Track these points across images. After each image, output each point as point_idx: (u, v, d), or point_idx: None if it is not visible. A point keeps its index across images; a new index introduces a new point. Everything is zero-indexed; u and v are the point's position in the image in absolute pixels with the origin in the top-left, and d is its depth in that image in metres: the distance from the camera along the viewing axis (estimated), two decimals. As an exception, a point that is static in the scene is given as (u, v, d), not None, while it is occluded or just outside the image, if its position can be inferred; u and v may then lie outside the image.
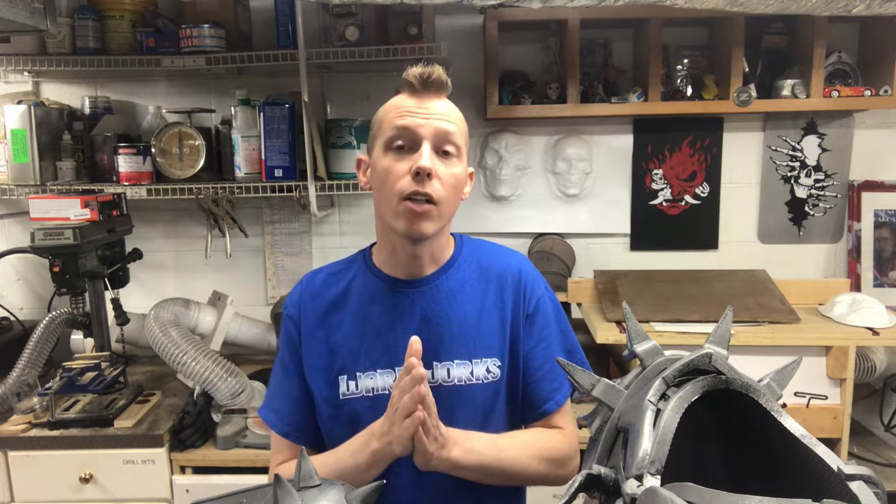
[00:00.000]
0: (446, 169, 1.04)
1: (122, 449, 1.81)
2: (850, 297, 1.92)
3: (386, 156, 1.04)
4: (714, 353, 0.61)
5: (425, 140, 1.02)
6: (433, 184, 1.01)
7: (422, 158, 1.00)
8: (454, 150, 1.05)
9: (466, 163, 1.10)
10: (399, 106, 1.05)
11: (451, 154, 1.05)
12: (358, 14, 2.05)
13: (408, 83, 1.05)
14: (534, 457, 1.08)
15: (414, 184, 1.00)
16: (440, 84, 1.05)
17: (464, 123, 1.10)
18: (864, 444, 1.97)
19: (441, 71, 1.05)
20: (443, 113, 1.05)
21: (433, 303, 1.10)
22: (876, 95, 2.08)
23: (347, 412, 1.09)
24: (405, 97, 1.06)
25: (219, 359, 1.91)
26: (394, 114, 1.05)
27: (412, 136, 1.02)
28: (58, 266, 1.85)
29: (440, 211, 1.03)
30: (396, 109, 1.05)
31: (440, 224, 1.06)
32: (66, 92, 2.40)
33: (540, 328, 1.14)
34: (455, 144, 1.05)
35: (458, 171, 1.06)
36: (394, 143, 1.04)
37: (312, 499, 0.67)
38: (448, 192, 1.04)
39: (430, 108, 1.04)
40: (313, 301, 1.15)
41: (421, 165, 0.99)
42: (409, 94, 1.06)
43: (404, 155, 1.03)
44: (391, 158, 1.04)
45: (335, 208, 2.45)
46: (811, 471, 0.52)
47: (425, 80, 1.04)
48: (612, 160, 2.37)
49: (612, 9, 1.93)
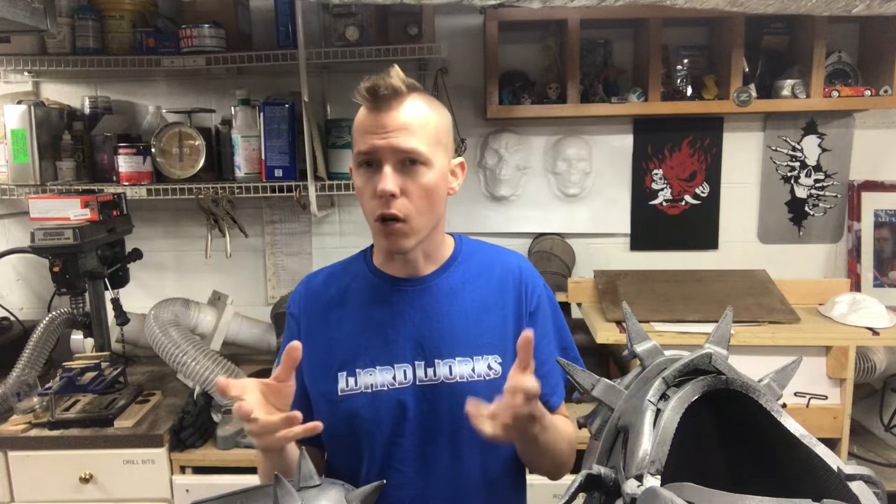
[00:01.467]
0: (414, 181, 1.01)
1: (122, 449, 1.81)
2: (850, 297, 1.91)
3: (357, 173, 1.05)
4: (714, 353, 0.61)
5: (384, 162, 1.00)
6: (398, 203, 1.00)
7: (381, 182, 0.99)
8: (421, 158, 1.01)
9: (448, 157, 1.08)
10: (360, 124, 1.03)
11: (418, 162, 1.01)
12: (358, 14, 2.05)
13: (362, 99, 1.01)
14: (565, 439, 1.10)
15: (380, 206, 1.01)
16: (391, 91, 0.99)
17: (434, 119, 1.04)
18: (864, 444, 1.97)
19: (395, 74, 1.00)
20: (401, 125, 0.99)
21: (433, 301, 1.11)
22: (876, 95, 2.08)
23: (345, 409, 1.09)
24: (365, 112, 1.03)
25: (219, 359, 1.91)
26: (357, 132, 1.04)
27: (374, 157, 1.02)
28: (58, 266, 1.85)
29: (412, 226, 1.02)
30: (359, 127, 1.03)
31: (418, 237, 1.05)
32: (66, 92, 2.40)
33: (541, 325, 1.15)
34: (419, 154, 1.00)
35: (429, 178, 1.02)
36: (361, 162, 1.04)
37: (312, 499, 0.67)
38: (420, 204, 1.02)
39: (387, 123, 0.99)
40: (315, 299, 1.16)
41: (381, 189, 0.99)
42: (366, 109, 1.02)
43: (371, 173, 1.03)
44: (361, 177, 1.04)
45: (335, 208, 2.45)
46: (811, 471, 0.52)
47: (375, 94, 0.99)
48: (612, 160, 2.37)
49: (612, 9, 1.93)
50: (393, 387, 1.07)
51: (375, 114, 1.01)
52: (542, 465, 1.13)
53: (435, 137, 1.04)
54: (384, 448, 1.08)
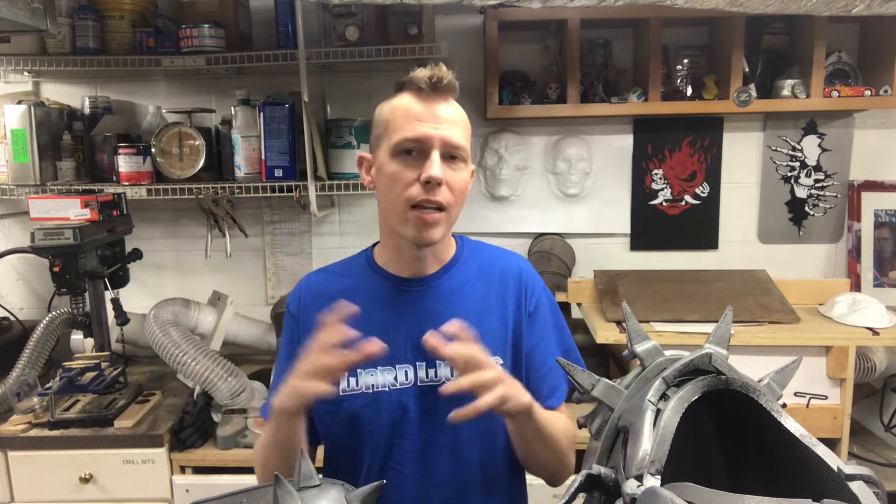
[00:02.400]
0: (455, 174, 1.03)
1: (122, 449, 1.81)
2: (850, 297, 1.91)
3: (393, 161, 1.03)
4: (714, 353, 0.61)
5: (435, 149, 1.00)
6: (443, 191, 1.01)
7: (432, 168, 0.99)
8: (464, 154, 1.04)
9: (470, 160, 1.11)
10: (408, 111, 1.02)
11: (459, 159, 1.04)
12: (358, 14, 2.05)
13: (415, 86, 1.02)
14: (563, 432, 1.09)
15: (423, 192, 1.00)
16: (450, 88, 1.03)
17: (468, 124, 1.09)
18: (864, 444, 1.97)
19: (450, 73, 1.03)
20: (451, 119, 1.03)
21: (435, 301, 1.11)
22: (876, 95, 2.08)
23: (346, 409, 1.09)
24: (412, 100, 1.03)
25: (219, 359, 1.91)
26: (402, 119, 1.02)
27: (422, 144, 1.01)
28: (58, 266, 1.85)
29: (449, 217, 1.04)
30: (405, 114, 1.02)
31: (448, 229, 1.07)
32: (66, 92, 2.40)
33: (540, 326, 1.15)
34: (464, 150, 1.04)
35: (465, 175, 1.06)
36: (402, 149, 1.02)
37: (312, 499, 0.67)
38: (457, 198, 1.04)
39: (440, 114, 1.01)
40: (314, 299, 1.15)
41: (432, 175, 0.98)
42: (417, 97, 1.03)
43: (412, 161, 1.01)
44: (399, 164, 1.02)
45: (335, 208, 2.45)
46: (811, 471, 0.52)
47: (435, 84, 1.01)
48: (612, 160, 2.37)
49: (612, 9, 1.93)
50: (394, 387, 1.07)
51: (427, 103, 1.02)
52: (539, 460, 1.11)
53: (469, 139, 1.08)
54: (385, 448, 1.08)
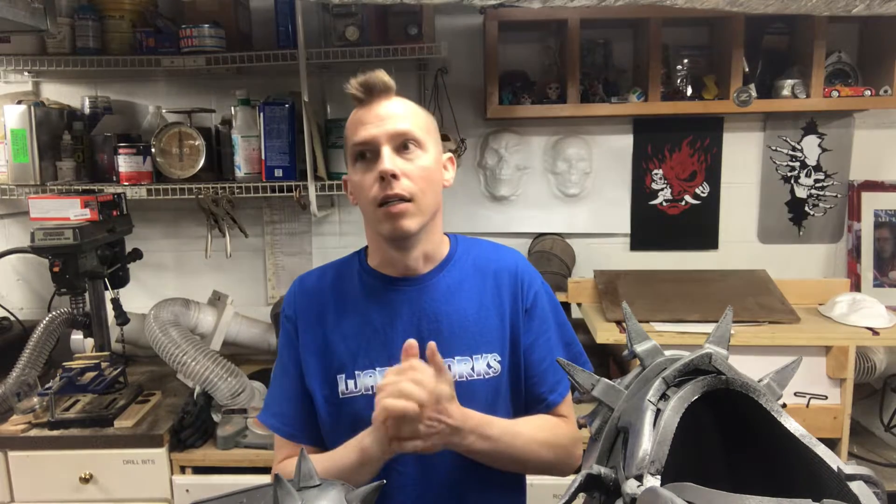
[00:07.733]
0: (411, 163, 1.05)
1: (122, 449, 1.81)
2: (850, 297, 1.91)
3: (355, 169, 1.08)
4: (714, 353, 0.61)
5: (382, 145, 1.04)
6: (401, 183, 1.03)
7: (382, 163, 1.02)
8: (415, 143, 1.06)
9: (439, 150, 1.11)
10: (355, 120, 1.08)
11: (414, 147, 1.06)
12: (358, 14, 2.05)
13: (353, 95, 1.08)
14: (544, 444, 1.09)
15: (382, 189, 1.03)
16: (383, 86, 1.06)
17: (423, 114, 1.11)
18: (864, 444, 1.97)
19: (382, 73, 1.06)
20: (394, 113, 1.06)
21: (431, 300, 1.11)
22: (876, 95, 2.08)
23: (347, 411, 1.09)
24: (357, 109, 1.09)
25: (219, 359, 1.91)
26: (351, 129, 1.08)
27: (371, 145, 1.05)
28: (58, 266, 1.85)
29: (418, 206, 1.05)
30: (354, 124, 1.08)
31: (423, 218, 1.06)
32: (66, 92, 2.40)
33: (539, 322, 1.15)
34: (414, 138, 1.06)
35: (426, 162, 1.07)
36: (357, 155, 1.07)
37: (312, 499, 0.67)
38: (422, 185, 1.05)
39: (381, 112, 1.05)
40: (309, 300, 1.15)
41: (382, 169, 1.02)
42: (360, 106, 1.08)
43: (369, 164, 1.06)
44: (360, 170, 1.07)
45: (335, 208, 2.45)
46: (811, 471, 0.52)
47: (369, 89, 1.06)
48: (612, 160, 2.37)
49: (612, 9, 1.93)
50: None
51: (368, 107, 1.07)
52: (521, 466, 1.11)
53: (425, 127, 1.09)
54: (385, 449, 1.08)
